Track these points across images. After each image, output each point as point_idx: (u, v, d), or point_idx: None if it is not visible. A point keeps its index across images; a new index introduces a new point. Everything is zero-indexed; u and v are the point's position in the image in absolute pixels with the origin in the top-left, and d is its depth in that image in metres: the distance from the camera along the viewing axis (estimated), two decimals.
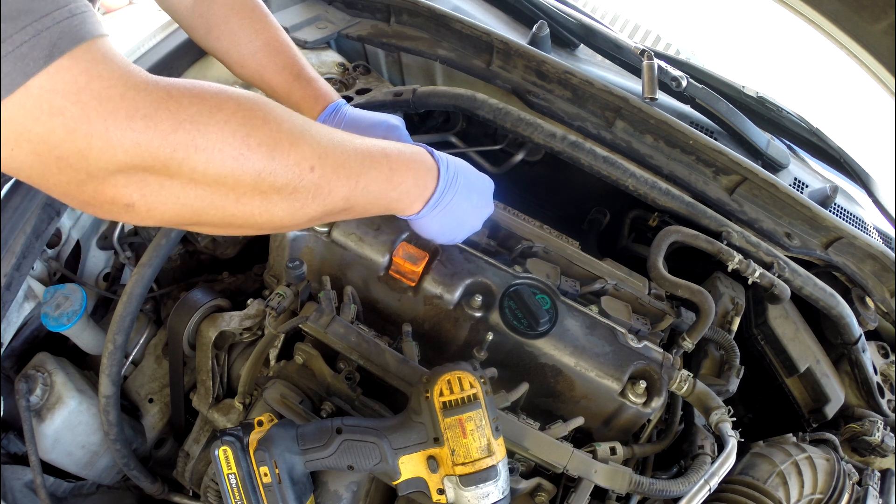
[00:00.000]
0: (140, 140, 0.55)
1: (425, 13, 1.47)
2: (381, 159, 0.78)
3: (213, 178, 0.61)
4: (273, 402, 0.96)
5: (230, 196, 0.64)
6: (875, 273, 1.37)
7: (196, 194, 0.62)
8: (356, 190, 0.75)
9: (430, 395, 0.82)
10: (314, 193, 0.69)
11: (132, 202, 0.59)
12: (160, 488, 1.25)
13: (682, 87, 1.39)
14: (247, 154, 0.62)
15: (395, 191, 0.82)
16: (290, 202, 0.68)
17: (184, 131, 0.57)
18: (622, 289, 1.17)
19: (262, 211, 0.67)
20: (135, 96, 0.55)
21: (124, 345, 1.12)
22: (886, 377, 1.40)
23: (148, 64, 1.38)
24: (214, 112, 0.60)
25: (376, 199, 0.80)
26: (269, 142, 0.63)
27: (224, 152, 0.60)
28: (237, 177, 0.62)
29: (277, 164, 0.64)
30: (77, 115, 0.52)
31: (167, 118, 0.56)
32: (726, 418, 1.00)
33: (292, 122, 0.68)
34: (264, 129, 0.63)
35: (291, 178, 0.66)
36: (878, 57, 1.18)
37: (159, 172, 0.58)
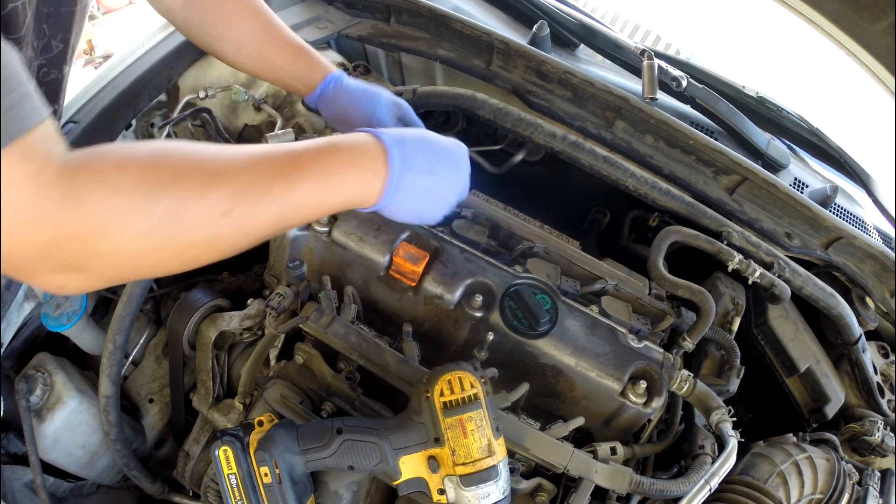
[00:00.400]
0: (54, 236, 0.57)
1: (425, 13, 1.47)
2: (312, 169, 0.72)
3: (125, 258, 0.62)
4: (273, 402, 0.96)
5: (148, 263, 0.65)
6: (875, 273, 1.37)
7: (120, 270, 0.63)
8: (287, 211, 0.71)
9: (430, 395, 0.81)
10: (237, 232, 0.68)
11: (62, 284, 0.62)
12: (160, 488, 1.25)
13: (682, 87, 1.39)
14: (156, 224, 0.61)
15: (337, 195, 0.75)
16: (215, 248, 0.68)
17: (91, 218, 0.58)
18: (622, 289, 1.17)
19: (182, 264, 0.68)
20: (57, 180, 0.56)
21: (124, 345, 1.12)
22: (886, 377, 1.40)
23: (148, 64, 1.38)
24: (119, 188, 0.59)
25: (317, 209, 0.75)
26: (174, 208, 0.61)
27: (133, 227, 0.60)
28: (152, 245, 0.62)
29: (187, 226, 0.63)
30: (13, 199, 0.54)
31: (75, 213, 0.57)
32: (726, 418, 1.00)
33: (203, 166, 0.65)
34: (167, 197, 0.61)
35: (207, 232, 0.65)
36: (878, 57, 1.18)
37: (73, 266, 0.60)
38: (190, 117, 1.42)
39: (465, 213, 1.21)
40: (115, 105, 1.33)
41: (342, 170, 0.74)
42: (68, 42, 0.93)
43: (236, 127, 1.53)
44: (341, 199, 0.76)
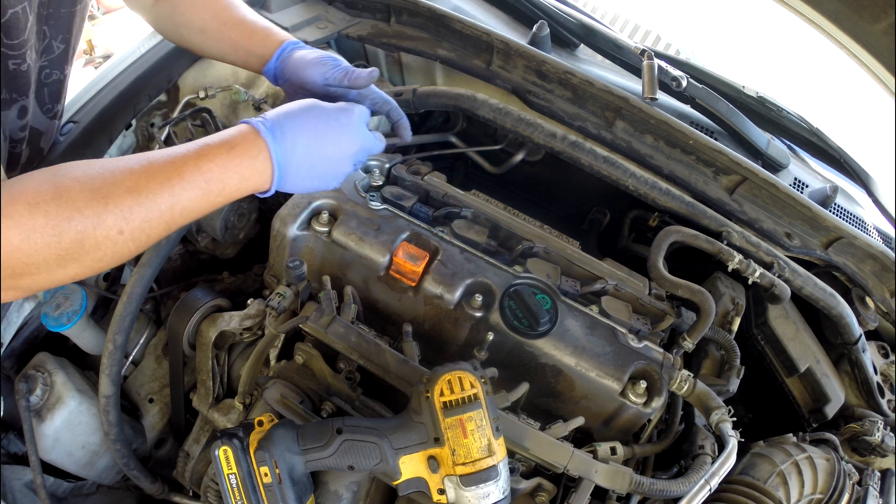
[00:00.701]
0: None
1: (425, 13, 1.47)
2: (193, 177, 0.76)
3: (47, 276, 0.69)
4: (273, 402, 0.95)
5: (64, 277, 0.71)
6: (875, 273, 1.37)
7: (38, 287, 0.70)
8: (174, 216, 0.76)
9: (430, 395, 0.81)
10: (132, 244, 0.74)
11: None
12: (160, 488, 1.25)
13: (682, 87, 1.39)
14: (67, 251, 0.69)
15: (223, 195, 0.80)
16: (103, 261, 0.73)
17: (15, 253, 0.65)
18: (622, 289, 1.17)
19: (91, 272, 0.73)
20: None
21: (124, 345, 1.12)
22: (886, 377, 1.40)
23: (148, 64, 1.38)
24: (33, 232, 0.66)
25: (205, 208, 0.79)
26: (79, 237, 0.70)
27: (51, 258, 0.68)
28: (66, 265, 0.69)
29: (71, 238, 0.69)
30: None
31: None
32: (726, 418, 1.00)
33: (84, 191, 0.71)
34: (72, 224, 0.69)
35: (98, 241, 0.71)
36: (878, 57, 1.18)
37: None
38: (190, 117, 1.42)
39: (465, 213, 1.21)
40: (115, 105, 1.33)
41: (222, 173, 0.78)
42: (69, 43, 0.93)
43: None
44: (225, 198, 0.81)
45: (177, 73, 1.47)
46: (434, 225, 1.17)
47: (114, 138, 1.39)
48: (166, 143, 1.40)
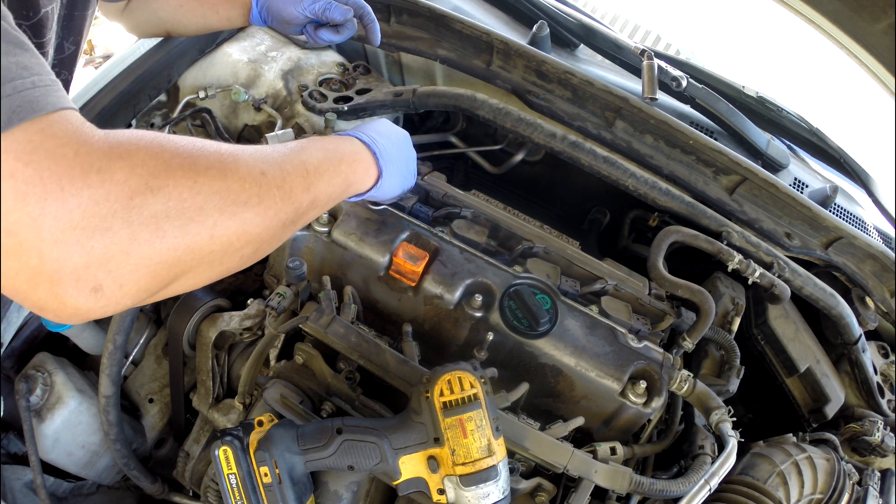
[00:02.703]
0: (97, 197, 0.52)
1: (425, 13, 1.47)
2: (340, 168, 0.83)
3: (176, 217, 0.58)
4: (273, 402, 0.95)
5: (202, 230, 0.60)
6: (875, 273, 1.37)
7: (166, 245, 0.57)
8: (324, 202, 0.79)
9: (430, 395, 0.81)
10: (278, 194, 0.69)
11: (99, 284, 0.54)
12: (160, 488, 1.25)
13: (682, 87, 1.39)
14: (201, 180, 0.60)
15: (346, 194, 0.87)
16: (260, 213, 0.67)
17: (137, 176, 0.55)
18: (622, 289, 1.17)
19: (237, 232, 0.64)
20: (88, 151, 0.53)
21: (124, 345, 1.12)
22: (886, 377, 1.40)
23: (148, 64, 1.38)
24: (159, 152, 0.58)
25: (336, 200, 0.84)
26: (215, 163, 0.62)
27: (179, 185, 0.58)
28: (199, 205, 0.59)
29: (231, 179, 0.63)
30: (29, 176, 0.49)
31: (121, 167, 0.54)
32: (726, 418, 1.00)
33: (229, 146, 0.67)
34: (206, 153, 0.62)
35: (250, 185, 0.65)
36: (878, 57, 1.18)
37: (121, 236, 0.54)
38: (190, 117, 1.42)
39: (464, 213, 1.21)
40: (115, 105, 1.33)
41: (353, 168, 0.87)
42: (79, 45, 0.94)
43: (236, 127, 1.53)
44: (351, 190, 0.88)
45: (177, 73, 1.47)
46: (434, 225, 1.17)
47: None
48: None
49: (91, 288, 0.54)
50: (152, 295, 0.61)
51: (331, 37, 1.24)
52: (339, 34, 1.24)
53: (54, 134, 0.52)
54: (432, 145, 1.48)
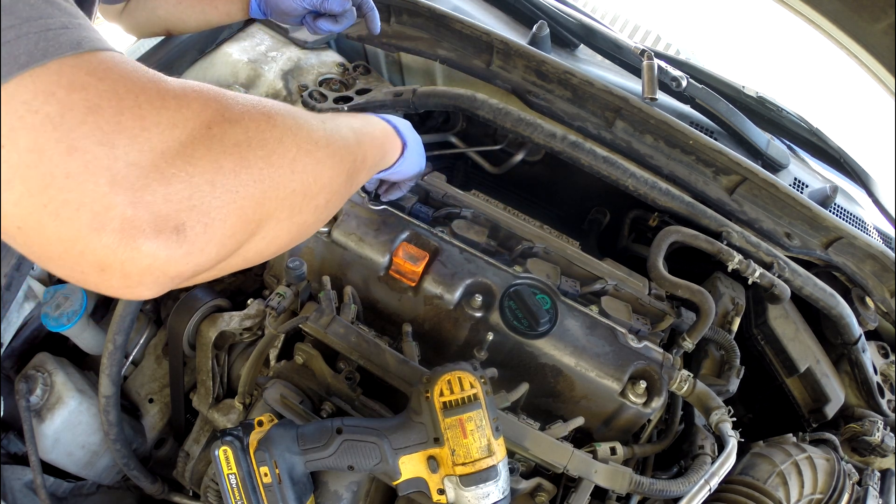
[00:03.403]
0: (175, 120, 0.47)
1: (425, 13, 1.47)
2: (381, 141, 0.91)
3: (259, 144, 0.53)
4: (273, 403, 0.96)
5: (284, 162, 0.56)
6: (875, 273, 1.37)
7: (251, 175, 0.51)
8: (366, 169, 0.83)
9: (430, 396, 0.81)
10: (342, 143, 0.70)
11: (182, 222, 0.46)
12: (160, 488, 1.25)
13: (682, 87, 1.39)
14: (276, 117, 0.57)
15: (384, 160, 0.94)
16: (329, 153, 0.65)
17: (212, 110, 0.51)
18: (622, 289, 1.17)
19: (313, 171, 0.61)
20: (158, 82, 0.48)
21: (124, 345, 1.12)
22: (886, 377, 1.40)
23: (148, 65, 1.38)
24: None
25: (373, 170, 0.91)
26: (292, 111, 0.62)
27: (257, 119, 0.55)
28: (279, 137, 0.56)
29: (310, 121, 0.64)
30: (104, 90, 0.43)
31: (196, 98, 0.50)
32: (726, 418, 1.00)
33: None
34: (272, 102, 0.61)
35: (318, 129, 0.66)
36: (878, 57, 1.18)
37: (202, 159, 0.47)
38: None
39: (464, 214, 1.21)
40: None
41: (386, 143, 0.93)
42: None
43: None
44: (383, 162, 0.95)
45: (177, 74, 1.47)
46: (434, 225, 1.17)
47: None
48: None
49: (172, 227, 0.45)
50: (238, 244, 0.53)
51: (329, 26, 1.24)
52: (337, 23, 1.24)
53: (116, 63, 0.46)
54: (432, 145, 1.48)
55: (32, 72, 0.41)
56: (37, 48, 0.42)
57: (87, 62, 0.44)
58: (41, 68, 0.41)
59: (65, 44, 0.43)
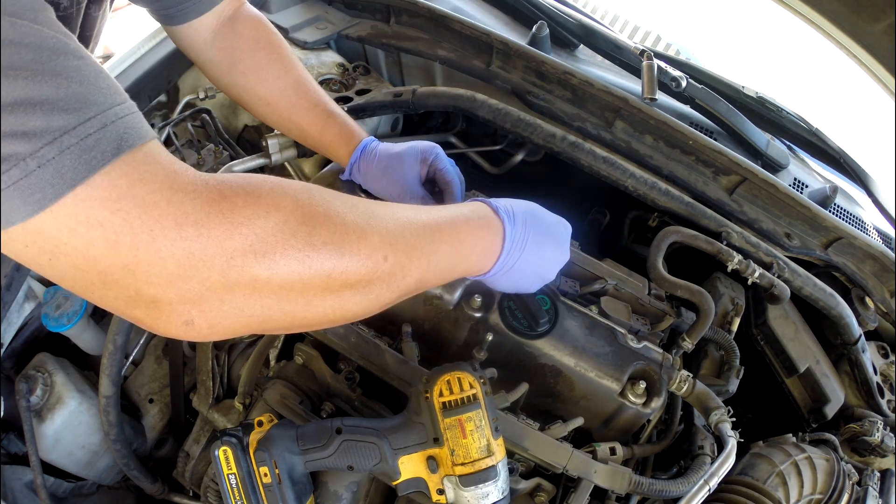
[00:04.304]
0: (193, 250, 0.50)
1: (425, 14, 1.47)
2: (449, 232, 0.75)
3: (279, 285, 0.56)
4: (273, 403, 0.96)
5: (299, 301, 0.58)
6: (875, 273, 1.37)
7: (261, 304, 0.56)
8: (428, 269, 0.72)
9: (429, 396, 0.82)
10: (388, 282, 0.65)
11: (190, 319, 0.53)
12: (160, 488, 1.25)
13: (682, 88, 1.39)
14: (312, 255, 0.57)
15: (465, 262, 0.79)
16: (364, 295, 0.63)
17: (240, 237, 0.52)
18: (622, 289, 1.17)
19: (335, 309, 0.62)
20: (182, 199, 0.50)
21: (124, 345, 1.12)
22: (886, 377, 1.40)
23: (148, 64, 1.38)
24: (272, 212, 0.55)
25: (446, 273, 0.77)
26: (335, 239, 0.59)
27: (287, 256, 0.55)
28: (305, 280, 0.57)
29: (348, 261, 0.60)
30: (119, 225, 0.47)
31: (220, 223, 0.51)
32: (726, 418, 1.00)
33: (356, 211, 0.63)
34: (328, 225, 0.59)
35: (365, 273, 0.62)
36: (878, 57, 1.18)
37: (217, 285, 0.52)
38: (190, 118, 1.43)
39: None
40: None
41: (472, 239, 0.78)
42: (89, 45, 0.93)
43: (236, 128, 1.53)
44: (464, 268, 0.79)
45: (177, 74, 1.47)
46: None
47: None
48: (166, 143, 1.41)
49: (183, 321, 0.53)
50: (241, 335, 0.61)
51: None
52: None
53: (142, 178, 0.49)
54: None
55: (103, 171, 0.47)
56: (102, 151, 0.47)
57: (105, 190, 0.48)
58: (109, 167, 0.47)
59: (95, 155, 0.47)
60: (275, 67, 1.01)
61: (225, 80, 1.04)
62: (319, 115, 1.03)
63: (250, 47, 1.00)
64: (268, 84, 1.01)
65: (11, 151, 0.42)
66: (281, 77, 1.02)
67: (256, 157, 1.25)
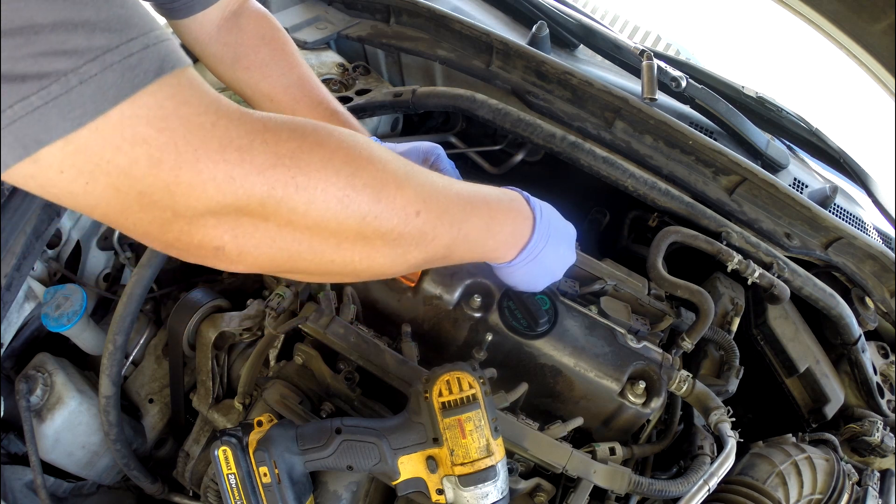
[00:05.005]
0: (234, 174, 0.50)
1: (425, 14, 1.47)
2: (481, 206, 0.75)
3: (314, 221, 0.56)
4: (273, 403, 0.96)
5: (331, 241, 0.59)
6: (875, 273, 1.37)
7: (294, 238, 0.56)
8: (458, 237, 0.71)
9: (429, 396, 0.82)
10: (418, 240, 0.65)
11: (222, 245, 0.54)
12: (160, 488, 1.26)
13: (682, 88, 1.39)
14: (352, 195, 0.57)
15: (493, 239, 0.79)
16: (392, 248, 0.63)
17: (283, 167, 0.52)
18: (622, 289, 1.17)
19: (362, 258, 0.62)
20: (227, 125, 0.50)
21: (124, 345, 1.12)
22: (886, 377, 1.40)
23: None
24: (315, 148, 0.55)
25: (474, 247, 0.77)
26: (374, 183, 0.59)
27: (327, 192, 0.55)
28: (340, 220, 0.57)
29: (383, 208, 0.60)
30: (163, 143, 0.47)
31: (264, 151, 0.51)
32: (725, 419, 1.00)
33: (396, 163, 0.63)
34: (370, 169, 0.59)
35: (397, 223, 0.62)
36: (878, 57, 1.18)
37: (254, 213, 0.53)
38: None
39: None
40: None
41: (503, 217, 0.79)
42: None
43: None
44: (493, 246, 0.79)
45: None
46: None
47: None
48: None
49: (215, 246, 0.54)
50: (263, 273, 0.62)
51: None
52: None
53: (187, 100, 0.49)
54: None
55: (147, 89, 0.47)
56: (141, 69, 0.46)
57: (150, 108, 0.47)
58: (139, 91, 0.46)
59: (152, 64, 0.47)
60: (279, 64, 1.02)
61: (229, 75, 1.03)
62: (323, 113, 1.03)
63: (255, 43, 1.00)
64: (272, 80, 1.01)
65: (51, 69, 0.41)
66: (285, 73, 1.02)
67: None
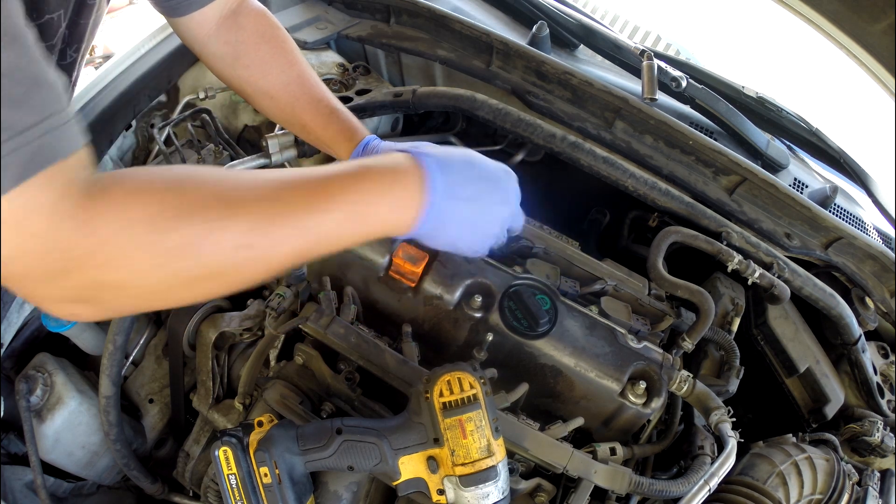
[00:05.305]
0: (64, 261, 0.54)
1: (425, 14, 1.47)
2: (338, 199, 0.66)
3: (150, 290, 0.60)
4: (273, 403, 0.96)
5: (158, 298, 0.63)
6: (875, 273, 1.37)
7: (136, 302, 0.62)
8: (310, 241, 0.66)
9: (429, 396, 0.82)
10: (253, 266, 0.63)
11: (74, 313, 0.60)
12: (160, 488, 1.25)
13: (682, 88, 1.39)
14: (168, 259, 0.57)
15: (365, 226, 0.70)
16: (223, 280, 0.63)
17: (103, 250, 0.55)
18: (622, 289, 1.17)
19: (195, 297, 0.64)
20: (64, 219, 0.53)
21: (124, 345, 1.12)
22: (886, 377, 1.40)
23: (148, 65, 1.38)
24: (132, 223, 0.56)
25: (344, 239, 0.70)
26: (188, 241, 0.57)
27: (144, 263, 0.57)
28: (162, 279, 0.59)
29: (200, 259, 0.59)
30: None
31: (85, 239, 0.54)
32: (726, 419, 1.00)
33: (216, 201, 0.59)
34: (184, 224, 0.57)
35: (221, 265, 0.60)
36: (878, 57, 1.18)
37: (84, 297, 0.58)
38: (190, 118, 1.43)
39: None
40: (114, 105, 1.33)
41: (373, 198, 0.69)
42: (80, 52, 0.93)
43: (236, 127, 1.53)
44: (370, 229, 0.71)
45: (177, 74, 1.47)
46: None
47: (114, 139, 1.39)
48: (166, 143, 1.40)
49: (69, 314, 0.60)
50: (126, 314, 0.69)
51: None
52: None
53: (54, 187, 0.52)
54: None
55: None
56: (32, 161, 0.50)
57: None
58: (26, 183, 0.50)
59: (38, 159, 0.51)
60: (279, 62, 1.01)
61: (228, 73, 1.03)
62: (322, 111, 1.03)
63: (255, 41, 1.00)
64: (271, 78, 1.01)
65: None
66: (285, 71, 1.01)
67: (256, 157, 1.25)
